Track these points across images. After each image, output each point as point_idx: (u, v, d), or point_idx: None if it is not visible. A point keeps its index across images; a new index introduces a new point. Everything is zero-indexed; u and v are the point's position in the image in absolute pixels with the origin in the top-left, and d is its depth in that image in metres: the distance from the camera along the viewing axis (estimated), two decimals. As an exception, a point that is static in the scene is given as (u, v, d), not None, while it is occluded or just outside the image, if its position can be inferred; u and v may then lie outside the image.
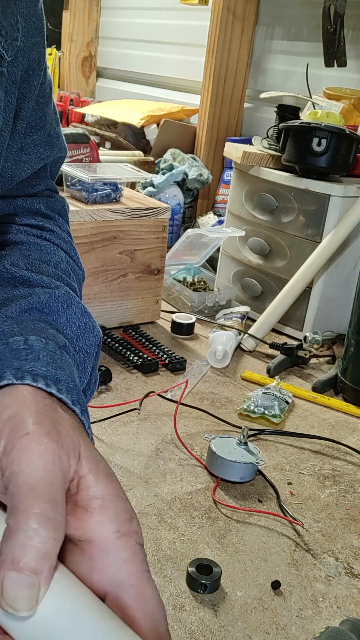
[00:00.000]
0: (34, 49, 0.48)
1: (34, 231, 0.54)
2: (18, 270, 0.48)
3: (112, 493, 0.33)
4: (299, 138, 1.37)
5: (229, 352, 1.28)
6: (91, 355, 0.48)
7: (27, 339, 0.39)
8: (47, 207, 0.57)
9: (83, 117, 2.43)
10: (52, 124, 0.55)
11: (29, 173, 0.54)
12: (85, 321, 0.47)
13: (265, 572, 0.77)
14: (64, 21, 2.90)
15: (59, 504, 0.30)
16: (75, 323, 0.47)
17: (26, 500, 0.29)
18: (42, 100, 0.52)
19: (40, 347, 0.39)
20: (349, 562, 0.81)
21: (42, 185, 0.58)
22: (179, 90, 2.44)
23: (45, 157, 0.55)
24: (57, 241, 0.55)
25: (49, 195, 0.59)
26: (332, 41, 1.61)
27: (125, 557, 0.32)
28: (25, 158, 0.53)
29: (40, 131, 0.53)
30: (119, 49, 2.83)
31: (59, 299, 0.46)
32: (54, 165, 0.58)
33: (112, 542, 0.32)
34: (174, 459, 0.98)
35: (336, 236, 1.33)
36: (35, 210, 0.56)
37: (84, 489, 0.33)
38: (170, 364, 1.25)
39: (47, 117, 0.53)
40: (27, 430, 0.32)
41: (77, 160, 1.42)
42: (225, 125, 2.10)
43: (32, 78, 0.49)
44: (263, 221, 1.49)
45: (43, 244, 0.53)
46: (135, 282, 1.38)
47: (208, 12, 2.03)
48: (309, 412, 1.18)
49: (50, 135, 0.54)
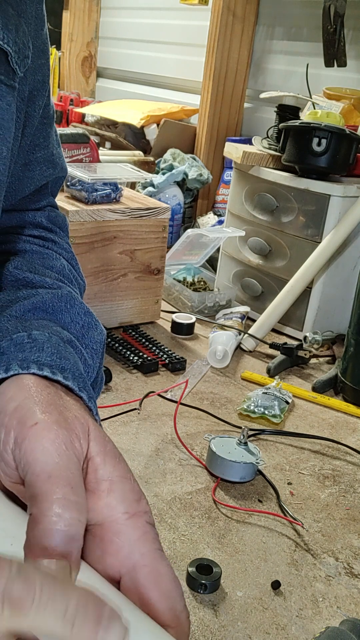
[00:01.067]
0: (39, 70, 0.50)
1: (36, 241, 0.56)
2: (21, 273, 0.49)
3: (120, 474, 0.33)
4: (299, 138, 1.37)
5: (229, 352, 1.28)
6: (98, 352, 0.48)
7: (30, 334, 0.40)
8: (48, 221, 0.59)
9: (83, 117, 2.43)
10: (55, 145, 0.57)
11: (32, 189, 0.57)
12: (88, 320, 0.48)
13: (265, 572, 0.77)
14: (64, 21, 2.90)
15: (79, 486, 0.31)
16: (79, 322, 0.47)
17: (46, 487, 0.30)
18: (45, 121, 0.54)
19: (44, 339, 0.40)
20: (349, 562, 0.81)
21: (44, 202, 0.60)
22: (179, 90, 2.44)
23: (48, 175, 0.57)
24: (59, 251, 0.57)
25: (50, 210, 0.61)
26: (332, 41, 1.61)
27: (136, 538, 0.32)
28: (29, 175, 0.55)
29: (43, 150, 0.55)
30: (119, 49, 2.83)
31: (62, 299, 0.47)
32: (54, 184, 0.60)
33: (122, 523, 0.32)
34: (174, 459, 0.98)
35: (336, 236, 1.33)
36: (37, 223, 0.58)
37: (92, 472, 0.33)
38: (170, 364, 1.25)
39: (50, 138, 0.56)
40: (35, 420, 0.32)
41: (77, 160, 1.42)
42: (225, 125, 2.10)
43: (36, 98, 0.51)
44: (263, 221, 1.49)
45: (46, 252, 0.55)
46: (135, 282, 1.38)
47: (208, 12, 2.03)
48: (309, 412, 1.18)
49: (53, 155, 0.57)
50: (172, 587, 0.32)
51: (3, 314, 0.43)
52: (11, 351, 0.38)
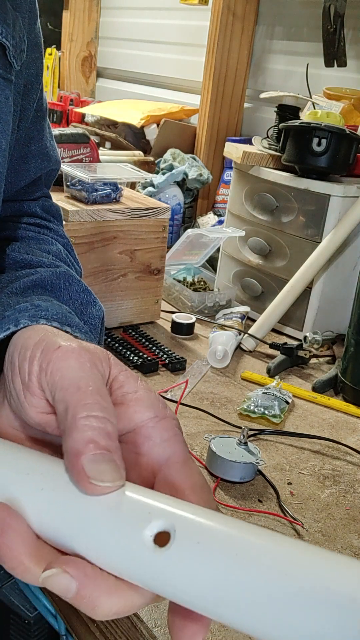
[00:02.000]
0: (33, 64, 0.52)
1: (32, 228, 0.58)
2: (19, 255, 0.51)
3: (144, 388, 0.35)
4: (299, 138, 1.37)
5: (229, 352, 1.28)
6: (96, 328, 0.50)
7: (32, 303, 0.41)
8: (43, 210, 0.61)
9: (83, 117, 2.43)
10: (48, 138, 0.59)
11: (28, 181, 0.58)
12: (87, 298, 0.49)
13: (265, 572, 0.77)
14: (64, 21, 2.90)
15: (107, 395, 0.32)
16: (78, 300, 0.48)
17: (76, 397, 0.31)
18: (39, 114, 0.56)
19: (47, 306, 0.41)
20: (349, 562, 0.81)
21: (39, 193, 0.62)
22: (179, 90, 2.44)
23: (43, 168, 0.59)
24: (54, 237, 0.58)
25: (44, 200, 0.63)
26: (332, 41, 1.61)
27: (167, 438, 0.34)
28: (25, 167, 0.56)
29: (37, 143, 0.57)
30: (119, 49, 2.83)
31: (60, 277, 0.48)
32: (48, 176, 0.61)
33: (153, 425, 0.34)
34: (174, 459, 0.98)
35: (336, 236, 1.33)
36: (32, 212, 0.60)
37: (118, 389, 0.35)
38: (170, 364, 1.25)
39: (44, 131, 0.57)
40: (58, 345, 0.34)
41: (77, 160, 1.42)
42: (225, 125, 2.10)
43: (31, 91, 0.52)
44: (263, 221, 1.49)
45: (42, 237, 0.56)
46: (135, 282, 1.38)
47: (208, 12, 2.03)
48: (309, 412, 1.18)
49: (47, 148, 0.58)
50: (203, 481, 0.33)
51: (4, 291, 0.44)
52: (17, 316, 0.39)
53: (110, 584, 0.29)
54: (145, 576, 0.28)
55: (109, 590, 0.28)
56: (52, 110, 2.47)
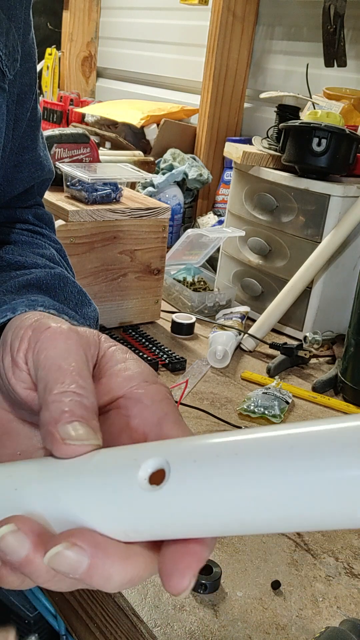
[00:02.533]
0: (27, 74, 0.52)
1: (25, 232, 0.58)
2: (13, 257, 0.51)
3: (133, 358, 0.36)
4: (299, 138, 1.37)
5: (229, 352, 1.28)
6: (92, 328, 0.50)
7: (28, 298, 0.42)
8: (35, 217, 0.61)
9: (83, 117, 2.43)
10: (42, 147, 0.59)
11: (21, 190, 0.58)
12: (81, 299, 0.50)
13: (265, 572, 0.77)
14: (64, 21, 2.90)
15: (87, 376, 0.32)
16: (73, 300, 0.49)
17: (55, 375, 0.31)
18: (33, 124, 0.56)
19: (44, 299, 0.42)
20: (349, 562, 0.81)
21: (31, 201, 0.62)
22: (179, 90, 2.44)
23: (36, 177, 0.59)
24: (47, 242, 0.58)
25: (37, 208, 0.63)
26: (332, 41, 1.61)
27: (158, 399, 0.33)
28: (18, 176, 0.57)
29: (31, 152, 0.57)
30: (119, 49, 2.83)
31: (55, 277, 0.48)
32: (41, 185, 0.62)
33: (144, 388, 0.33)
34: (174, 459, 0.98)
35: (336, 236, 1.33)
36: (24, 219, 0.60)
37: (107, 361, 0.35)
38: (170, 364, 1.25)
39: (37, 141, 0.58)
40: (48, 325, 0.34)
41: (77, 160, 1.42)
42: (225, 125, 2.10)
43: (24, 101, 0.53)
44: (263, 221, 1.49)
45: (36, 242, 0.57)
46: (135, 282, 1.38)
47: (208, 12, 2.03)
48: (309, 412, 1.17)
49: (40, 157, 0.58)
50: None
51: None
52: (14, 307, 0.40)
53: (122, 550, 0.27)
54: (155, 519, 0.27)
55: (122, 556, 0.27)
56: (52, 110, 2.47)
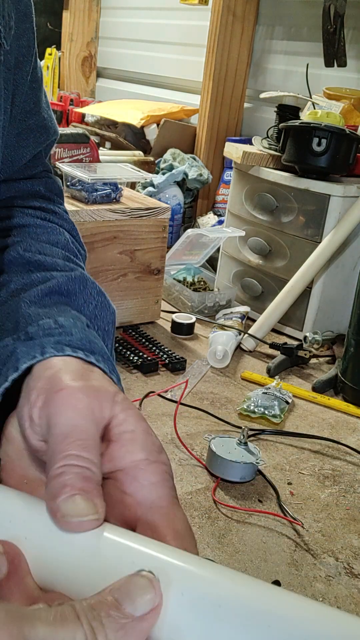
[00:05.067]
0: (24, 35, 0.49)
1: (38, 213, 0.56)
2: (32, 255, 0.50)
3: (143, 429, 0.36)
4: (299, 138, 1.37)
5: (229, 352, 1.28)
6: (110, 333, 0.51)
7: (56, 320, 0.41)
8: (46, 189, 0.59)
9: (83, 117, 2.43)
10: (45, 108, 0.56)
11: (28, 158, 0.56)
12: (101, 300, 0.50)
13: (265, 572, 0.77)
14: (64, 21, 2.90)
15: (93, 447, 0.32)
16: (92, 303, 0.49)
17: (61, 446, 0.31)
18: (35, 85, 0.53)
19: (70, 325, 0.41)
20: (349, 562, 0.81)
21: (40, 167, 0.59)
22: (179, 90, 2.44)
23: (42, 141, 0.57)
24: (60, 222, 0.57)
25: (46, 176, 0.60)
26: (332, 41, 1.61)
27: (154, 481, 0.34)
28: (23, 143, 0.54)
29: (35, 116, 0.54)
30: (119, 49, 2.83)
31: (75, 281, 0.48)
32: (47, 148, 0.59)
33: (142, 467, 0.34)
34: (174, 459, 0.98)
35: (336, 236, 1.33)
36: (35, 192, 0.58)
37: (116, 426, 0.35)
38: (170, 364, 1.25)
39: (41, 102, 0.55)
40: (62, 387, 0.34)
41: (77, 160, 1.42)
42: (225, 125, 2.10)
43: (23, 64, 0.50)
44: (263, 221, 1.49)
45: (49, 226, 0.55)
46: (135, 282, 1.38)
47: (208, 12, 2.03)
48: (309, 412, 1.17)
49: (45, 119, 0.56)
50: (186, 529, 0.33)
51: (22, 299, 0.44)
52: (40, 336, 0.39)
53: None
54: None
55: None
56: (52, 110, 2.47)
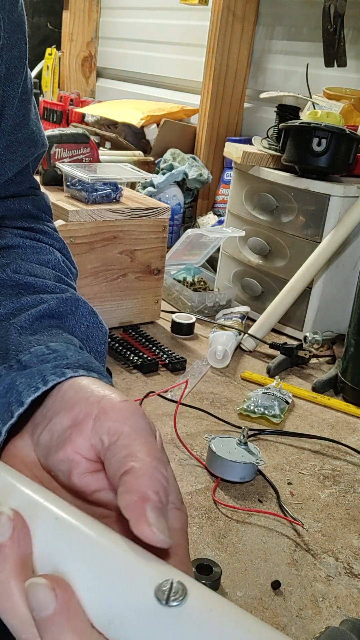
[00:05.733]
0: (16, 46, 0.48)
1: (27, 233, 0.55)
2: (22, 278, 0.49)
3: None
4: (299, 138, 1.37)
5: (229, 352, 1.28)
6: (102, 354, 0.50)
7: (48, 346, 0.41)
8: (34, 207, 0.58)
9: (83, 117, 2.43)
10: (34, 121, 0.55)
11: (15, 171, 0.55)
12: (93, 320, 0.49)
13: (265, 572, 0.77)
14: (64, 21, 2.90)
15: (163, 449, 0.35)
16: (84, 324, 0.48)
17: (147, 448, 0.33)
18: (24, 97, 0.52)
19: (63, 348, 0.41)
20: (349, 562, 0.81)
21: (27, 184, 0.59)
22: (179, 90, 2.44)
23: (30, 155, 0.55)
24: (50, 241, 0.56)
25: (34, 193, 0.60)
26: (332, 41, 1.61)
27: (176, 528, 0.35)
28: (11, 157, 0.53)
29: (24, 129, 0.53)
30: (119, 49, 2.83)
31: (67, 303, 0.48)
32: (35, 161, 0.58)
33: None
34: (174, 459, 0.98)
35: (336, 236, 1.33)
36: (23, 211, 0.57)
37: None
38: (170, 364, 1.25)
39: (30, 114, 0.54)
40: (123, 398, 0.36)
41: (77, 160, 1.42)
42: (225, 125, 2.10)
43: (15, 76, 0.49)
44: (263, 221, 1.49)
45: (39, 246, 0.54)
46: (135, 282, 1.38)
47: (208, 12, 2.03)
48: (309, 412, 1.17)
49: (33, 132, 0.55)
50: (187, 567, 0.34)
51: (11, 325, 0.44)
52: (35, 363, 0.39)
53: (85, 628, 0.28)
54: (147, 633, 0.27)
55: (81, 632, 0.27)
56: (52, 110, 2.47)
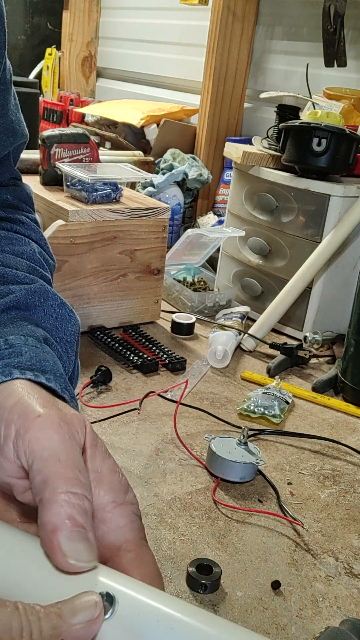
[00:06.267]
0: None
1: (3, 224, 0.55)
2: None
3: (109, 467, 0.35)
4: (299, 138, 1.37)
5: (229, 352, 1.28)
6: (72, 345, 0.49)
7: (6, 339, 0.40)
8: (14, 197, 0.58)
9: (83, 117, 2.43)
10: (14, 111, 0.55)
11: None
12: (62, 312, 0.48)
13: (265, 572, 0.77)
14: (64, 21, 2.90)
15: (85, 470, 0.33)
16: (52, 315, 0.48)
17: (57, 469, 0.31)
18: (3, 87, 0.52)
19: (21, 343, 0.40)
20: (349, 562, 0.81)
21: (7, 174, 0.58)
22: (179, 90, 2.44)
23: (9, 145, 0.55)
24: (27, 232, 0.56)
25: (14, 184, 0.59)
26: (332, 41, 1.61)
27: (122, 525, 0.34)
28: None
29: (2, 118, 0.53)
30: (119, 49, 2.83)
31: (35, 294, 0.47)
32: (15, 151, 0.58)
33: (109, 511, 0.34)
34: (174, 459, 0.98)
35: (336, 236, 1.33)
36: (3, 200, 0.57)
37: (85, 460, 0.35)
38: (170, 364, 1.25)
39: (8, 104, 0.53)
40: (38, 413, 0.34)
41: (77, 160, 1.42)
42: (225, 125, 2.10)
43: None
44: (263, 221, 1.49)
45: (14, 237, 0.54)
46: (135, 282, 1.38)
47: (208, 12, 2.03)
48: (309, 412, 1.18)
49: (12, 122, 0.54)
50: (154, 573, 0.33)
51: None
52: None
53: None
54: None
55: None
56: (52, 110, 2.47)
